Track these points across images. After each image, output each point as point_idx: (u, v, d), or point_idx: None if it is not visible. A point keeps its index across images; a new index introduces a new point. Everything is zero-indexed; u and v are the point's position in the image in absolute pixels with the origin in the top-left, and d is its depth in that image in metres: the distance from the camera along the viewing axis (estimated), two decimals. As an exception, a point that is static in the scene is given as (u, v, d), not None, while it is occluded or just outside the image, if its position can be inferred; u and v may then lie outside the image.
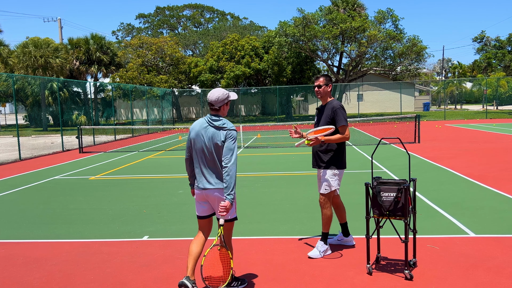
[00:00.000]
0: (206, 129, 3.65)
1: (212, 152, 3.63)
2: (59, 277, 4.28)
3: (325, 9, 34.43)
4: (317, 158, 4.67)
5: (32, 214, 6.84)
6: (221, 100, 3.66)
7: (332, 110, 4.53)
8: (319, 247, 4.58)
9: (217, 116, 3.67)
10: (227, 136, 3.60)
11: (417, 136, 15.53)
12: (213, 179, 3.64)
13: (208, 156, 3.65)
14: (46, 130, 30.46)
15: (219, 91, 3.68)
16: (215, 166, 3.65)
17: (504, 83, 45.71)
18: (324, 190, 4.55)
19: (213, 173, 3.65)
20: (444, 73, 71.68)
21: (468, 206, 6.42)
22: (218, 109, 3.69)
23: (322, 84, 4.62)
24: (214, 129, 3.62)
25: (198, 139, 3.68)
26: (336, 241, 4.92)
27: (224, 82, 36.22)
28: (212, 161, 3.65)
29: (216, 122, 3.63)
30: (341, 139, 4.49)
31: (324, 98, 4.68)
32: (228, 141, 3.58)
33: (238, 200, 7.33)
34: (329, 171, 4.54)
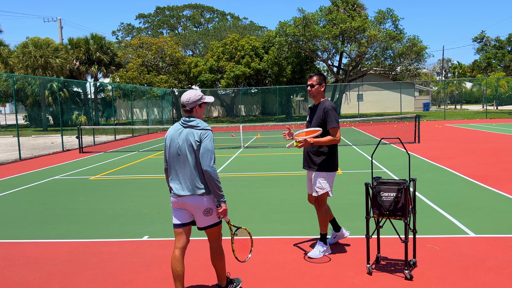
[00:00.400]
0: (180, 132, 3.46)
1: (186, 155, 3.40)
2: (59, 277, 4.28)
3: (325, 9, 34.44)
4: (308, 160, 4.59)
5: (32, 214, 6.84)
6: (192, 100, 3.48)
7: (324, 111, 4.42)
8: (319, 247, 4.57)
9: (190, 118, 3.49)
10: (202, 136, 3.39)
11: (417, 136, 15.53)
12: (189, 185, 3.40)
13: (183, 160, 3.42)
14: (46, 130, 30.46)
15: (191, 92, 3.52)
16: (191, 170, 3.40)
17: (504, 83, 45.71)
18: (316, 193, 4.50)
19: (189, 179, 3.40)
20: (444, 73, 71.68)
21: (468, 206, 6.42)
22: (191, 110, 3.50)
23: (315, 83, 4.50)
24: (188, 129, 3.43)
25: (172, 144, 3.48)
26: (332, 239, 4.92)
27: (224, 82, 36.23)
28: (187, 165, 3.40)
29: (190, 122, 3.45)
30: (331, 141, 4.37)
31: (316, 98, 4.57)
32: (204, 141, 3.37)
33: (238, 200, 7.33)
34: (321, 174, 4.47)
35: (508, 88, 48.09)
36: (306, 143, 4.27)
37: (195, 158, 3.39)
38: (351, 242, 5.03)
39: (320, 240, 4.61)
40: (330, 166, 4.48)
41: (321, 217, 4.57)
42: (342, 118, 35.09)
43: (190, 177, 3.41)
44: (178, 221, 3.54)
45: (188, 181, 3.41)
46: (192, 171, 3.40)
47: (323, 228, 4.59)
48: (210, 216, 3.45)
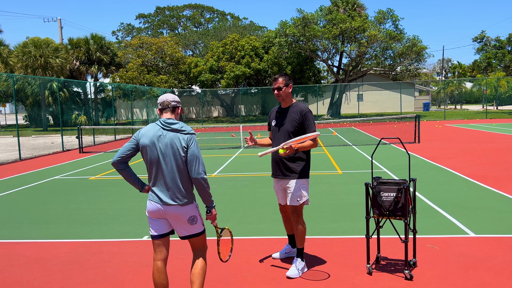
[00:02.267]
0: (161, 135, 3.18)
1: (170, 161, 3.16)
2: (59, 277, 4.28)
3: (325, 9, 34.44)
4: (282, 167, 4.18)
5: (32, 214, 6.84)
6: (177, 100, 3.31)
7: (301, 114, 4.09)
8: (297, 265, 4.20)
9: (172, 119, 3.24)
10: (189, 142, 3.17)
11: (417, 136, 15.53)
12: (174, 194, 3.18)
13: (166, 167, 3.18)
14: (46, 130, 30.46)
15: (171, 95, 3.32)
16: (175, 178, 3.18)
17: (504, 83, 45.70)
18: (296, 202, 4.12)
19: (174, 187, 3.18)
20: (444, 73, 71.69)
21: (468, 206, 6.42)
22: (173, 110, 3.28)
23: (282, 85, 4.13)
24: (172, 132, 3.17)
25: (152, 148, 3.19)
26: (284, 254, 4.56)
27: (224, 82, 36.24)
28: (171, 172, 3.17)
29: (174, 125, 3.18)
30: (311, 146, 4.11)
31: (286, 101, 4.21)
32: (191, 147, 3.16)
33: (238, 200, 7.33)
34: (300, 181, 4.14)
35: (508, 88, 48.08)
36: (291, 149, 3.90)
37: (181, 164, 3.17)
38: (351, 242, 5.03)
39: (297, 256, 4.24)
40: (307, 173, 4.22)
41: (300, 229, 4.17)
42: (342, 118, 35.09)
43: (175, 185, 3.18)
44: (156, 233, 3.28)
45: (173, 189, 3.18)
46: (176, 179, 3.18)
47: (300, 242, 4.21)
48: (196, 225, 3.27)
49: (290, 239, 4.58)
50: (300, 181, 4.15)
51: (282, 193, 4.29)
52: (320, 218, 6.08)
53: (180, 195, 3.19)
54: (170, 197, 3.18)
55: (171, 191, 3.18)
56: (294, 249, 4.54)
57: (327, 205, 6.77)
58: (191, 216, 3.24)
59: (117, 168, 3.30)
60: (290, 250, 4.58)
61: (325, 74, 53.02)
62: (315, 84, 37.79)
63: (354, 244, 4.93)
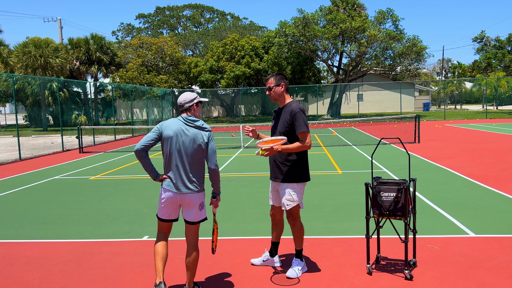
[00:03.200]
0: (185, 130, 3.58)
1: (190, 154, 3.56)
2: (59, 277, 4.28)
3: (325, 9, 34.44)
4: (275, 170, 4.09)
5: (32, 214, 6.84)
6: (190, 99, 3.65)
7: (291, 114, 3.95)
8: (296, 265, 4.18)
9: (193, 117, 3.66)
10: (209, 138, 3.62)
11: (417, 136, 15.53)
12: (191, 183, 3.59)
13: (186, 158, 3.57)
14: (46, 130, 30.45)
15: (187, 93, 3.73)
16: (191, 168, 3.59)
17: (504, 83, 45.70)
18: (287, 206, 4.02)
19: (192, 177, 3.59)
20: (444, 73, 71.68)
21: (468, 206, 6.43)
22: (189, 109, 3.65)
23: (273, 85, 4.05)
24: (195, 129, 3.59)
25: (176, 140, 3.56)
26: (262, 261, 4.41)
27: (224, 82, 36.23)
28: (189, 163, 3.57)
29: (196, 122, 3.61)
30: (300, 148, 3.92)
31: (279, 100, 4.11)
32: (211, 143, 3.62)
33: (238, 200, 7.33)
34: (290, 185, 4.01)
35: (508, 88, 48.07)
36: (272, 151, 3.82)
37: (200, 157, 3.61)
38: (351, 242, 5.03)
39: (296, 257, 4.23)
40: (300, 176, 4.03)
41: (297, 231, 4.16)
42: (342, 118, 35.09)
43: (191, 174, 3.59)
44: (163, 217, 3.73)
45: (190, 178, 3.59)
46: (193, 169, 3.60)
47: (299, 243, 4.20)
48: (202, 211, 3.70)
49: (272, 247, 4.40)
50: (290, 185, 4.01)
51: (275, 194, 4.22)
52: (320, 218, 6.08)
53: (196, 183, 3.61)
54: (187, 185, 3.59)
55: (188, 179, 3.59)
56: (272, 258, 4.39)
57: (327, 205, 6.77)
58: (201, 202, 3.67)
59: (138, 155, 3.62)
60: (268, 259, 4.41)
61: (325, 74, 53.03)
62: (315, 84, 37.80)
63: (354, 244, 4.92)
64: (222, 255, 4.74)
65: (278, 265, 4.39)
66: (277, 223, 4.34)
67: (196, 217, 3.66)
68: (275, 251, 4.39)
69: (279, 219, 4.32)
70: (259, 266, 4.41)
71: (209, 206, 3.70)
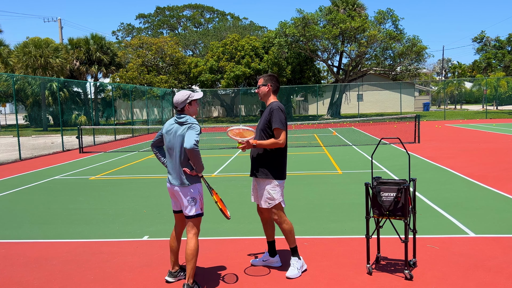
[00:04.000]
0: (172, 126, 3.88)
1: (175, 148, 3.81)
2: (59, 277, 4.28)
3: (325, 9, 34.45)
4: (253, 166, 4.16)
5: (32, 214, 6.84)
6: (181, 101, 3.86)
7: (270, 111, 4.07)
8: (294, 264, 4.16)
9: (185, 115, 3.88)
10: (188, 127, 3.77)
11: (417, 136, 15.53)
12: (178, 176, 3.81)
13: (173, 153, 3.83)
14: (46, 130, 30.45)
15: (179, 94, 3.90)
16: (178, 163, 3.81)
17: (504, 83, 45.70)
18: (267, 205, 4.06)
19: (177, 171, 3.81)
20: (444, 73, 71.67)
21: (468, 206, 6.43)
22: (181, 109, 3.89)
23: (261, 84, 4.25)
24: (178, 125, 3.84)
25: (166, 137, 3.92)
26: (262, 262, 4.41)
27: (224, 82, 36.23)
28: (176, 158, 3.82)
29: (180, 119, 3.85)
30: (274, 145, 3.99)
31: (264, 99, 4.26)
32: (189, 130, 3.75)
33: (238, 200, 7.32)
34: (269, 182, 4.05)
35: (508, 88, 48.08)
36: (248, 145, 3.95)
37: (183, 151, 3.78)
38: (351, 242, 5.03)
39: (293, 256, 4.20)
40: (278, 174, 4.07)
41: (285, 229, 4.13)
42: (342, 118, 35.08)
43: (178, 169, 3.81)
44: (173, 208, 4.03)
45: (176, 172, 3.82)
46: (182, 164, 3.80)
47: (291, 241, 4.17)
48: (194, 206, 3.79)
49: (269, 247, 4.39)
50: (269, 182, 4.05)
51: (255, 192, 4.27)
52: (320, 218, 6.08)
53: (183, 177, 3.78)
54: (175, 179, 3.83)
55: (176, 173, 3.83)
56: (272, 258, 4.37)
57: (327, 205, 6.78)
58: (192, 197, 3.79)
59: (153, 151, 4.17)
60: (267, 259, 4.40)
61: (325, 74, 53.04)
62: (315, 84, 37.79)
63: (354, 244, 4.92)
64: (222, 255, 4.74)
65: (278, 265, 4.39)
66: (267, 221, 4.33)
67: (188, 211, 3.79)
68: (274, 250, 4.39)
69: (267, 217, 4.30)
70: (260, 266, 4.41)
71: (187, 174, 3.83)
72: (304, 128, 27.23)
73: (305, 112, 47.52)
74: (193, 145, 3.62)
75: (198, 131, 3.74)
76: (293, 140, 17.96)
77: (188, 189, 3.78)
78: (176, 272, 4.05)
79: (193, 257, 3.73)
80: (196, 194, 3.80)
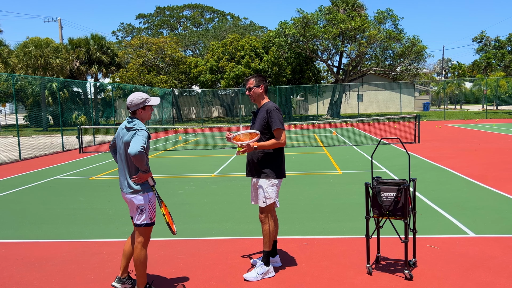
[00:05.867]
0: (121, 131, 3.70)
1: (123, 155, 3.66)
2: (59, 277, 4.28)
3: (325, 9, 34.45)
4: (252, 166, 4.16)
5: (32, 214, 6.84)
6: (135, 104, 3.65)
7: (267, 112, 4.07)
8: (258, 268, 4.08)
9: (132, 119, 3.68)
10: (134, 134, 3.57)
11: (417, 136, 15.53)
12: (127, 183, 3.65)
13: (125, 160, 3.66)
14: (46, 130, 30.45)
15: (134, 95, 3.68)
16: (126, 170, 3.66)
17: (504, 83, 45.72)
18: (263, 203, 4.07)
19: (125, 177, 3.67)
20: (444, 73, 71.67)
21: (468, 206, 6.43)
22: (133, 112, 3.69)
23: (252, 86, 4.18)
24: (126, 130, 3.65)
25: (117, 141, 3.77)
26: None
27: (224, 82, 36.23)
28: (124, 165, 3.67)
29: (129, 124, 3.65)
30: (276, 145, 4.03)
31: (258, 101, 4.25)
32: (135, 136, 3.54)
33: (238, 200, 7.32)
34: (266, 181, 4.06)
35: (508, 88, 48.09)
36: (249, 148, 3.94)
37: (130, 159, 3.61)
38: (351, 242, 5.03)
39: (262, 260, 4.12)
40: (276, 173, 4.10)
41: (267, 229, 4.09)
42: (342, 118, 35.09)
43: (130, 175, 3.65)
44: (130, 213, 3.84)
45: (126, 178, 3.66)
46: (131, 171, 3.65)
47: (267, 244, 4.10)
48: (143, 215, 3.64)
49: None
50: (267, 181, 4.07)
51: (254, 192, 4.27)
52: (320, 218, 6.08)
53: (132, 185, 3.63)
54: (125, 185, 3.68)
55: (125, 180, 3.68)
56: (272, 258, 4.32)
57: (327, 205, 6.78)
58: (140, 205, 3.63)
59: (111, 153, 3.94)
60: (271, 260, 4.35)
61: (325, 74, 53.02)
62: (315, 84, 37.79)
63: (354, 244, 4.92)
64: (222, 255, 4.74)
65: (278, 265, 4.38)
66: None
67: (136, 220, 3.66)
68: (274, 250, 4.38)
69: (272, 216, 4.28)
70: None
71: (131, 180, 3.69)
72: (304, 128, 27.23)
73: (305, 112, 47.53)
74: (138, 151, 3.41)
75: (145, 137, 3.54)
76: (293, 140, 17.96)
77: (138, 197, 3.62)
78: (125, 278, 3.87)
79: (141, 265, 3.65)
80: (145, 203, 3.63)
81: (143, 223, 3.64)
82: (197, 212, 6.60)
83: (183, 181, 9.28)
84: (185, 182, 9.21)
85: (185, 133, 25.87)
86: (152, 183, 3.70)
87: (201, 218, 6.28)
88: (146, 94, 3.72)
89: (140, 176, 3.59)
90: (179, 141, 20.02)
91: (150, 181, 3.67)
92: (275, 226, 4.21)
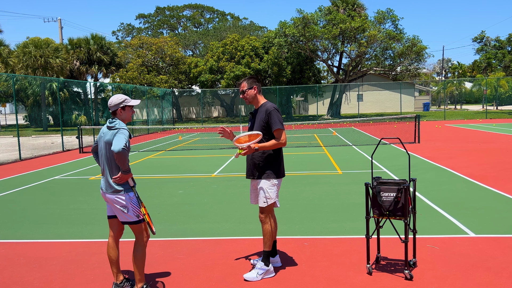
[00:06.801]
0: (104, 133, 3.75)
1: (105, 155, 3.70)
2: (59, 277, 4.28)
3: (325, 9, 34.45)
4: (252, 167, 4.17)
5: (32, 214, 6.84)
6: (114, 104, 3.73)
7: (266, 113, 4.07)
8: (258, 268, 4.09)
9: (113, 119, 3.75)
10: (115, 133, 3.63)
11: (417, 136, 15.53)
12: (108, 184, 3.68)
13: (107, 160, 3.70)
14: (46, 130, 30.45)
15: (114, 96, 3.78)
16: (109, 169, 3.68)
17: (504, 83, 45.72)
18: (263, 203, 4.09)
19: (107, 177, 3.69)
20: (444, 73, 71.67)
21: (468, 206, 6.42)
22: (114, 113, 3.77)
23: (245, 88, 4.17)
24: (107, 129, 3.72)
25: (99, 141, 3.82)
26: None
27: (224, 82, 36.23)
28: (106, 165, 3.70)
29: (110, 123, 3.72)
30: (276, 145, 4.05)
31: (254, 102, 4.24)
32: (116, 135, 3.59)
33: (238, 200, 7.32)
34: (266, 181, 4.08)
35: (508, 88, 48.10)
36: (250, 149, 3.94)
37: (112, 158, 3.66)
38: (351, 242, 5.03)
39: (262, 260, 4.13)
40: (276, 173, 4.12)
41: (267, 229, 4.11)
42: (342, 118, 35.09)
43: (111, 175, 3.68)
44: (108, 213, 3.87)
45: (108, 179, 3.69)
46: (112, 171, 3.68)
47: (267, 244, 4.12)
48: (128, 214, 3.68)
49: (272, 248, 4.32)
50: (267, 182, 4.09)
51: (254, 193, 4.28)
52: (320, 218, 6.08)
53: (113, 185, 3.66)
54: (106, 185, 3.71)
55: (107, 180, 3.71)
56: (272, 258, 4.32)
57: (327, 205, 6.78)
58: (123, 205, 3.67)
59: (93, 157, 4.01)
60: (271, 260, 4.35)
61: (325, 74, 53.03)
62: (315, 84, 37.80)
63: (354, 244, 4.92)
64: (222, 255, 4.74)
65: (278, 265, 4.38)
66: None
67: (124, 218, 3.70)
68: (274, 250, 4.38)
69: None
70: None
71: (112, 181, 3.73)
72: (304, 128, 27.23)
73: (305, 112, 47.53)
74: (121, 148, 3.45)
75: (126, 135, 3.61)
76: (293, 140, 17.96)
77: (119, 196, 3.65)
78: (122, 282, 3.86)
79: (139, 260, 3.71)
80: (128, 203, 3.66)
81: (131, 221, 3.69)
82: (197, 212, 6.60)
83: (183, 181, 9.28)
84: (185, 182, 9.21)
85: (185, 133, 25.88)
86: (133, 184, 3.72)
87: (201, 218, 6.28)
88: (126, 96, 3.80)
89: (121, 176, 3.62)
90: (179, 141, 20.02)
91: (130, 182, 3.69)
92: (275, 226, 4.22)
